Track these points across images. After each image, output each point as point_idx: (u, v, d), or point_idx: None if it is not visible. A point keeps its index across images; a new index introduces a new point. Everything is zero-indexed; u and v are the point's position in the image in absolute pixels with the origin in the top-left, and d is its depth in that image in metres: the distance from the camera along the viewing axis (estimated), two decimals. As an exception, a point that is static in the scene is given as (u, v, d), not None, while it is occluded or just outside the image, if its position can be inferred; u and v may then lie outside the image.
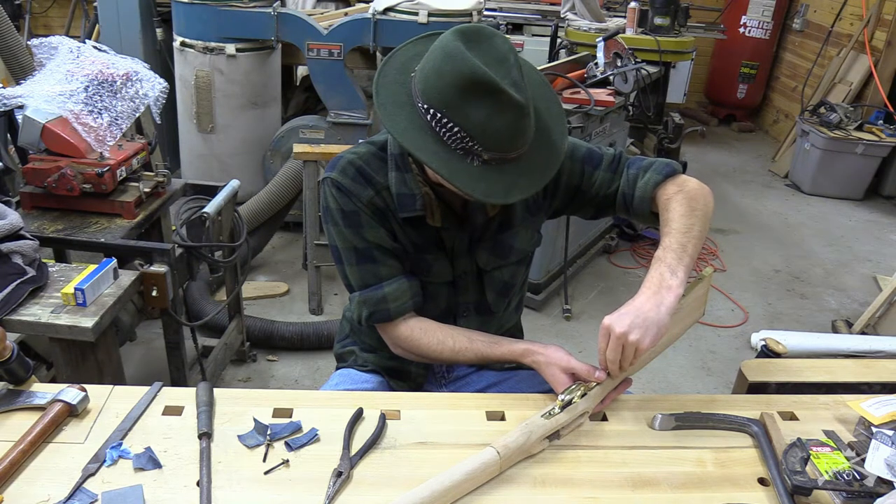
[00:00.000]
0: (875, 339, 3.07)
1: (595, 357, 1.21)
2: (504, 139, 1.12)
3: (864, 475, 1.06)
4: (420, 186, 1.31)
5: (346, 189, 1.31)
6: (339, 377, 1.52)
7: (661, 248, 1.25)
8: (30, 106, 2.08)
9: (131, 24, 3.89)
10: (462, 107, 1.09)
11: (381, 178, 1.32)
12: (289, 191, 3.48)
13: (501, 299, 1.48)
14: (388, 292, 1.33)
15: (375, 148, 1.35)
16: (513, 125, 1.11)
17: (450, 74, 1.09)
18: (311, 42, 3.45)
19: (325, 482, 1.05)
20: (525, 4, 5.39)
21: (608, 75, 3.40)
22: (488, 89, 1.08)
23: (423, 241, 1.36)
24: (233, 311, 2.74)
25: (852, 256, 4.30)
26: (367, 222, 1.32)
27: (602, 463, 1.14)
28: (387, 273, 1.34)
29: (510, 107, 1.10)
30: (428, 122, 1.13)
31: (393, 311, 1.34)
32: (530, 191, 1.20)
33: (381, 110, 1.17)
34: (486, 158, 1.13)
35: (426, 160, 1.13)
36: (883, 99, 5.18)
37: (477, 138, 1.11)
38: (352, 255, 1.34)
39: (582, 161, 1.40)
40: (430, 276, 1.39)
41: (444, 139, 1.13)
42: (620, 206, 1.41)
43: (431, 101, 1.12)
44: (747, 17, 6.59)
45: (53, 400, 1.15)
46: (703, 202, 1.33)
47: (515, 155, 1.16)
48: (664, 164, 1.39)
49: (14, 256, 1.69)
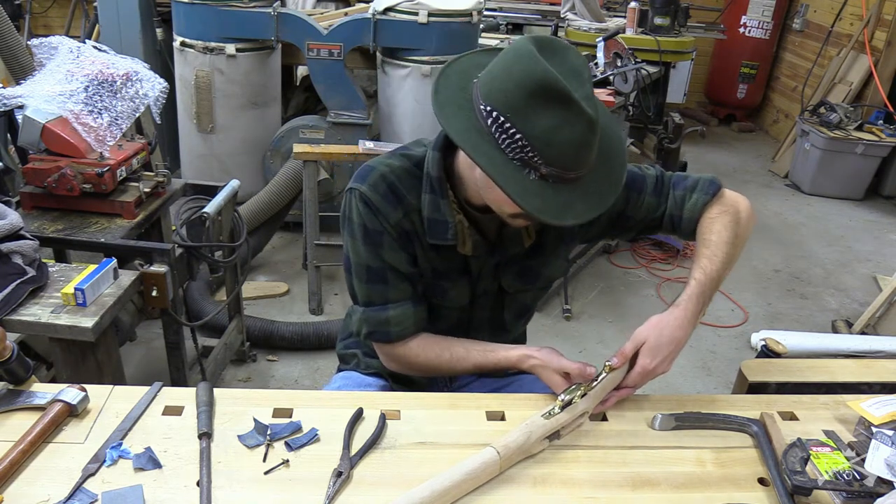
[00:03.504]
0: (875, 339, 3.07)
1: (595, 357, 1.22)
2: (568, 154, 1.04)
3: (864, 475, 1.06)
4: (454, 214, 1.25)
5: (374, 206, 1.23)
6: (341, 379, 1.51)
7: (703, 273, 1.25)
8: (30, 106, 2.07)
9: (131, 24, 3.89)
10: (528, 113, 1.02)
11: (413, 198, 1.25)
12: (289, 191, 3.48)
13: (518, 319, 1.47)
14: (392, 315, 1.30)
15: (411, 164, 1.27)
16: (579, 141, 1.04)
17: (519, 75, 1.02)
18: (311, 42, 3.45)
19: (325, 482, 1.05)
20: (525, 4, 5.39)
21: (608, 75, 3.40)
22: (559, 97, 1.01)
23: (447, 267, 1.32)
24: (233, 311, 2.74)
25: (852, 256, 4.30)
26: (389, 244, 1.26)
27: (602, 463, 1.14)
28: (395, 296, 1.30)
29: (580, 120, 1.02)
30: (488, 126, 1.05)
31: (394, 335, 1.32)
32: (586, 217, 1.12)
33: (439, 111, 1.10)
34: (543, 173, 1.05)
35: (481, 163, 1.05)
36: (883, 99, 5.18)
37: (539, 149, 1.03)
38: (363, 272, 1.29)
39: (626, 186, 1.30)
40: (445, 300, 1.36)
41: (502, 146, 1.05)
42: (667, 227, 1.38)
43: (495, 103, 1.04)
44: (747, 17, 6.59)
45: (53, 400, 1.15)
46: (746, 225, 1.33)
47: (574, 175, 1.08)
48: (708, 182, 1.36)
49: (14, 256, 1.69)
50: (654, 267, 3.95)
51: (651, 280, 3.83)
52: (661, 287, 3.73)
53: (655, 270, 3.92)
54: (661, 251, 4.09)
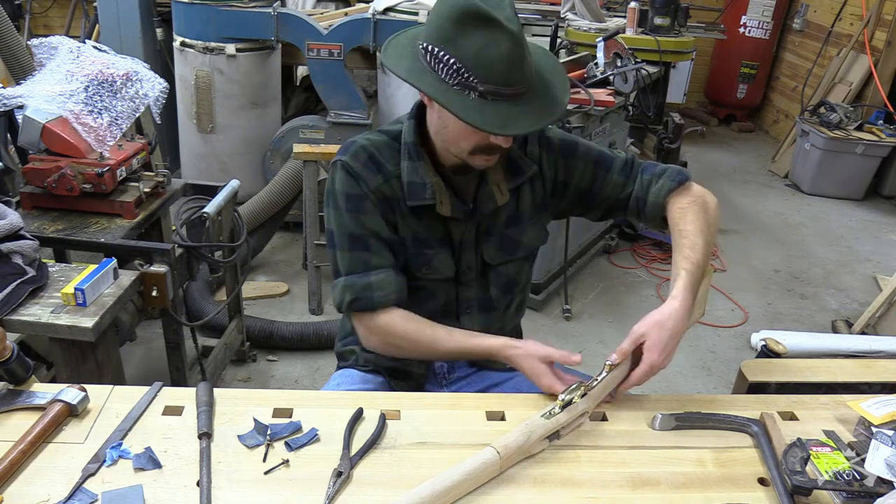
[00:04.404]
0: (875, 339, 3.07)
1: (595, 357, 1.22)
2: (499, 70, 1.13)
3: (864, 475, 1.06)
4: (431, 176, 1.32)
5: (355, 172, 1.32)
6: (339, 377, 1.52)
7: (689, 262, 1.27)
8: (30, 106, 2.08)
9: (131, 24, 3.89)
10: (457, 38, 1.13)
11: (392, 166, 1.34)
12: (289, 191, 3.49)
13: (505, 296, 1.48)
14: (374, 281, 1.33)
15: (388, 137, 1.36)
16: (507, 56, 1.13)
17: (447, 10, 1.14)
18: (311, 42, 3.45)
19: (325, 482, 1.05)
20: (525, 4, 5.38)
21: (608, 75, 3.40)
22: (482, 19, 1.11)
23: (428, 234, 1.37)
24: (233, 311, 2.74)
25: (852, 256, 4.30)
26: (370, 209, 1.32)
27: (602, 463, 1.14)
28: (377, 263, 1.34)
29: (504, 37, 1.12)
30: (429, 62, 1.17)
31: (376, 300, 1.33)
32: (528, 128, 1.21)
33: (387, 59, 1.22)
34: (481, 91, 1.14)
35: (428, 91, 1.17)
36: (883, 99, 5.18)
37: (472, 69, 1.13)
38: (346, 240, 1.34)
39: (594, 163, 1.42)
40: (430, 271, 1.38)
41: (442, 76, 1.16)
42: (633, 210, 1.43)
43: (430, 39, 1.16)
44: (747, 17, 6.59)
45: (53, 400, 1.15)
46: (715, 216, 1.38)
47: (511, 91, 1.16)
48: (677, 171, 1.41)
49: (14, 256, 1.69)
50: (654, 267, 3.95)
51: (651, 280, 3.83)
52: (660, 287, 3.73)
53: (655, 270, 3.92)
54: (661, 251, 4.09)
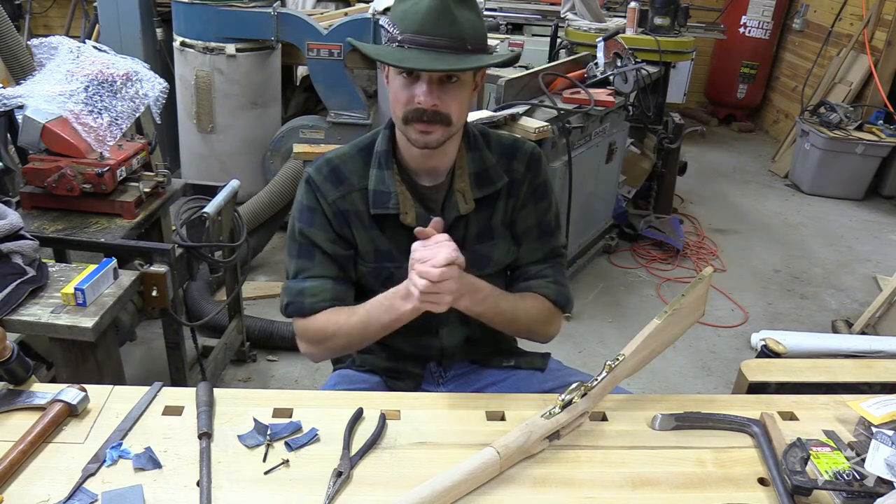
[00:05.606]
0: (875, 339, 3.07)
1: (595, 357, 1.22)
2: (412, 20, 1.20)
3: (864, 475, 1.06)
4: (397, 185, 1.34)
5: (314, 185, 1.36)
6: (337, 378, 1.52)
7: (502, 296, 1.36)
8: (30, 106, 2.08)
9: (131, 24, 3.89)
10: (397, 5, 1.25)
11: (357, 178, 1.36)
12: (289, 191, 3.48)
13: None
14: (308, 287, 1.36)
15: (356, 149, 1.39)
16: (426, 9, 1.20)
17: None
18: (311, 42, 3.45)
19: (325, 482, 1.05)
20: (525, 4, 5.39)
21: (608, 75, 3.40)
22: None
23: (391, 247, 1.37)
24: (233, 311, 2.74)
25: (852, 256, 4.30)
26: (320, 223, 1.35)
27: (602, 463, 1.14)
28: (316, 272, 1.37)
29: None
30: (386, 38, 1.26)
31: (307, 306, 1.35)
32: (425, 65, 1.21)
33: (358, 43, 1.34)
34: (401, 39, 1.22)
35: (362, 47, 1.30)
36: (883, 99, 5.18)
37: (398, 24, 1.22)
38: (294, 248, 1.38)
39: (539, 224, 1.45)
40: (392, 285, 1.32)
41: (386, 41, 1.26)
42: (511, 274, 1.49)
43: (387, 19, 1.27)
44: (747, 17, 6.59)
45: (53, 400, 1.15)
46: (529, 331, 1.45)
47: (427, 41, 1.21)
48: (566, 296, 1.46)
49: (14, 256, 1.69)
50: (654, 267, 3.95)
51: (651, 280, 3.83)
52: (660, 287, 3.73)
53: (655, 270, 3.92)
54: (661, 251, 4.09)
